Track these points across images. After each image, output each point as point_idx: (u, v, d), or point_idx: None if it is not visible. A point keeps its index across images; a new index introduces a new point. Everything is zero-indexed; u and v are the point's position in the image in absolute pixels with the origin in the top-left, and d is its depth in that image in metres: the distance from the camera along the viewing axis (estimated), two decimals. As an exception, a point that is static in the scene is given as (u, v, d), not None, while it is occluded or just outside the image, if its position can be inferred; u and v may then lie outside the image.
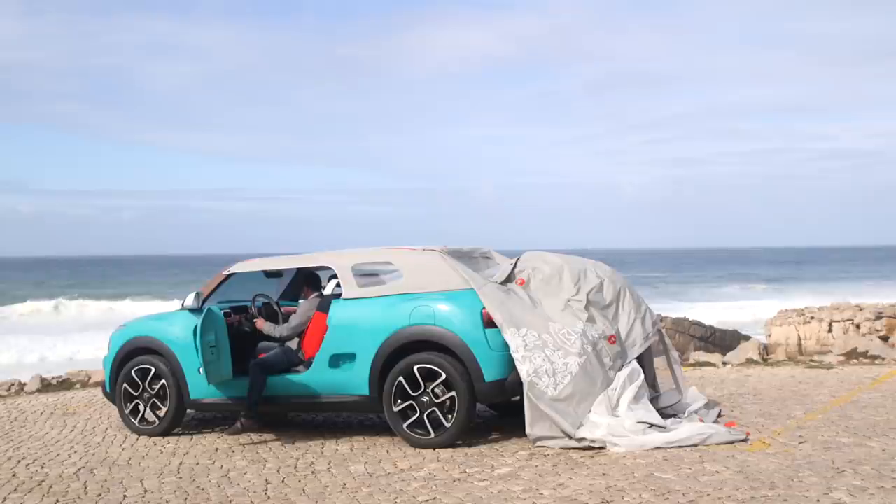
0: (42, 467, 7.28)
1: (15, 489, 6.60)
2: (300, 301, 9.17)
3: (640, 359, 7.91)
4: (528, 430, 7.27)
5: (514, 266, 8.15)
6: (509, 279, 8.00)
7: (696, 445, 7.06)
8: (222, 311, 8.67)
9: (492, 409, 8.89)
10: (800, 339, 19.98)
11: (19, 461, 7.52)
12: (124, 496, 6.32)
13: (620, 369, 7.57)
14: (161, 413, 8.47)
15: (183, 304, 8.54)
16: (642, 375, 7.66)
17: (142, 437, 8.43)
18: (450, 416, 7.38)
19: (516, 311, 7.46)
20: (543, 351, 7.29)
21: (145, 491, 6.44)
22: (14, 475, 7.03)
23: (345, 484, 6.41)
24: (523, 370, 7.26)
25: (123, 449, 7.93)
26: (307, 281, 8.61)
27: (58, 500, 6.25)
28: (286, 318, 8.64)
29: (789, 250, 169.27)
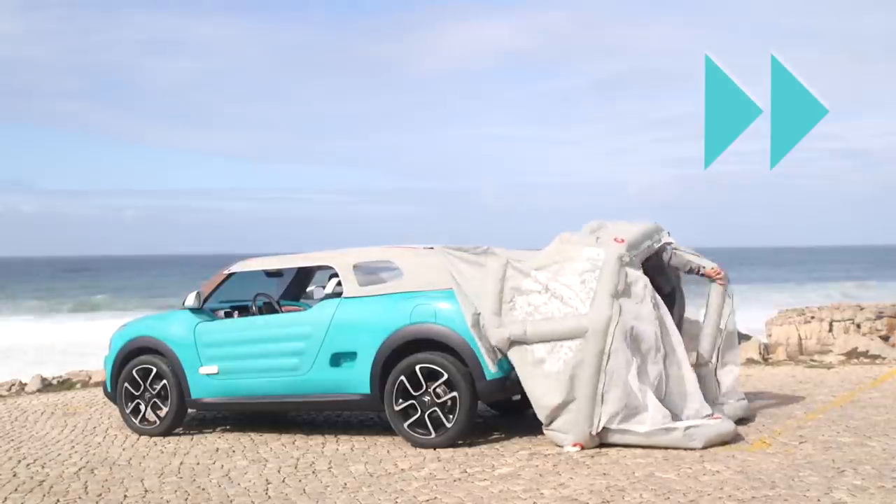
0: (43, 467, 7.28)
1: (16, 489, 6.60)
2: (301, 300, 9.17)
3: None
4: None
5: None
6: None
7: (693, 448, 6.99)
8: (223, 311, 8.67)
9: (492, 408, 8.89)
10: (800, 338, 19.91)
11: (20, 461, 7.52)
12: (125, 496, 6.32)
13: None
14: (162, 413, 8.47)
15: (184, 304, 8.54)
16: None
17: (143, 436, 8.43)
18: (451, 416, 7.37)
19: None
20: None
21: (146, 491, 6.44)
22: (15, 475, 7.03)
23: (345, 484, 6.42)
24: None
25: (124, 449, 7.94)
26: None
27: (58, 500, 6.26)
28: None
29: (791, 250, 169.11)
